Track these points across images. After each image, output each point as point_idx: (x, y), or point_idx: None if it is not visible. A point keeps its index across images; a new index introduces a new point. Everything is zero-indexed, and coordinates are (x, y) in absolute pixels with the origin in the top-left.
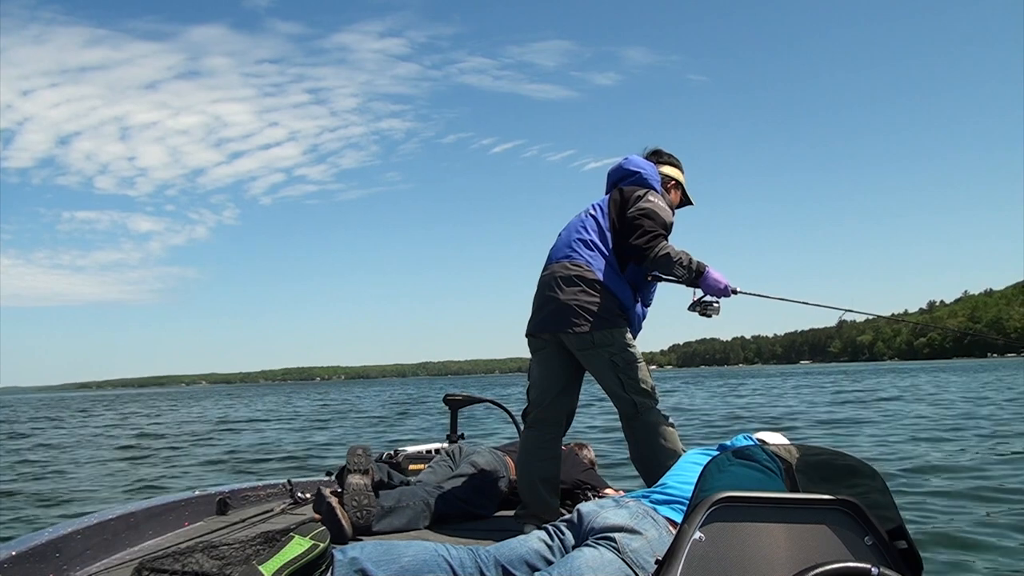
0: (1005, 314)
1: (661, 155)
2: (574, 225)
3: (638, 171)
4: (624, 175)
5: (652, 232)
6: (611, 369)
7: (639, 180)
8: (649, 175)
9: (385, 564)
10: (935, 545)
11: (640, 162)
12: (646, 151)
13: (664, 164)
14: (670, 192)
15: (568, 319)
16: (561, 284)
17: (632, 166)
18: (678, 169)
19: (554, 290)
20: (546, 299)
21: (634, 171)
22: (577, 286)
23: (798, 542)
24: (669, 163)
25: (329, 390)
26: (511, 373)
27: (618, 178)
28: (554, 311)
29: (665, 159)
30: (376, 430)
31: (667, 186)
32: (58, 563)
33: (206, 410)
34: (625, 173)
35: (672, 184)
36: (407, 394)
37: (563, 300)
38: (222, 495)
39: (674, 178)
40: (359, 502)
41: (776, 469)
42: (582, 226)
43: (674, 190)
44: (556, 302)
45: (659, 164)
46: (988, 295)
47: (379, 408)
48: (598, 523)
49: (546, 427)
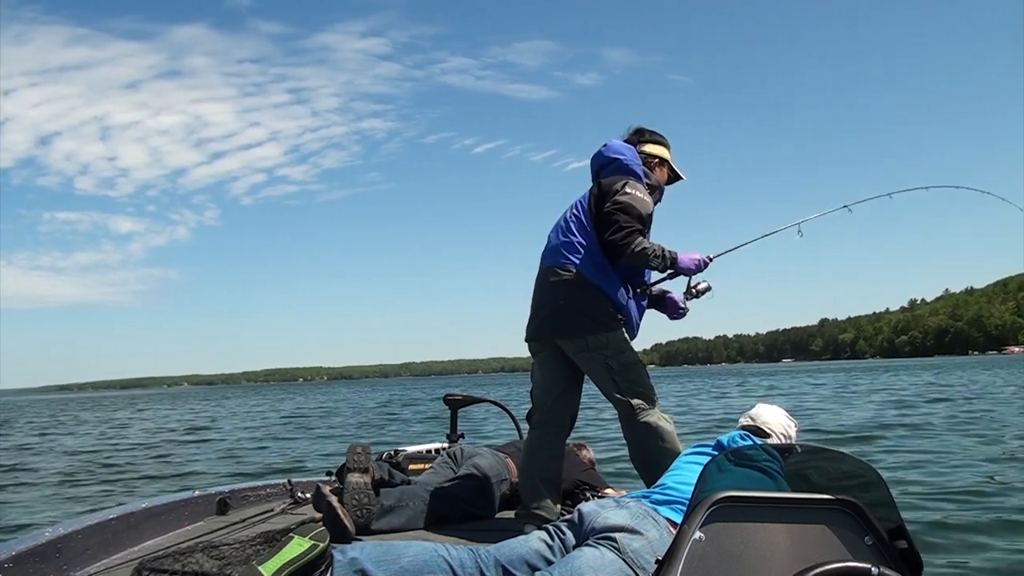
0: (986, 312)
1: (643, 133)
2: (560, 227)
3: (618, 157)
4: (605, 162)
5: (627, 228)
6: (607, 372)
7: (619, 167)
8: (629, 160)
9: (385, 564)
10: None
11: (619, 147)
12: (629, 131)
13: (647, 143)
14: (655, 171)
15: (561, 325)
16: (552, 290)
17: (612, 152)
18: (662, 146)
19: (546, 296)
20: (540, 305)
21: (614, 158)
22: (568, 291)
23: (798, 542)
24: (652, 140)
25: (311, 391)
26: (494, 373)
27: (600, 165)
28: (547, 317)
29: (647, 137)
30: (368, 433)
31: (651, 164)
32: (58, 563)
33: (165, 417)
34: (605, 160)
35: (656, 162)
36: (395, 395)
37: (555, 306)
38: (222, 495)
39: (658, 156)
40: (359, 500)
41: (777, 469)
42: (567, 227)
43: (659, 168)
44: (549, 308)
45: (641, 143)
46: (969, 293)
47: (365, 411)
48: (599, 523)
49: (549, 428)
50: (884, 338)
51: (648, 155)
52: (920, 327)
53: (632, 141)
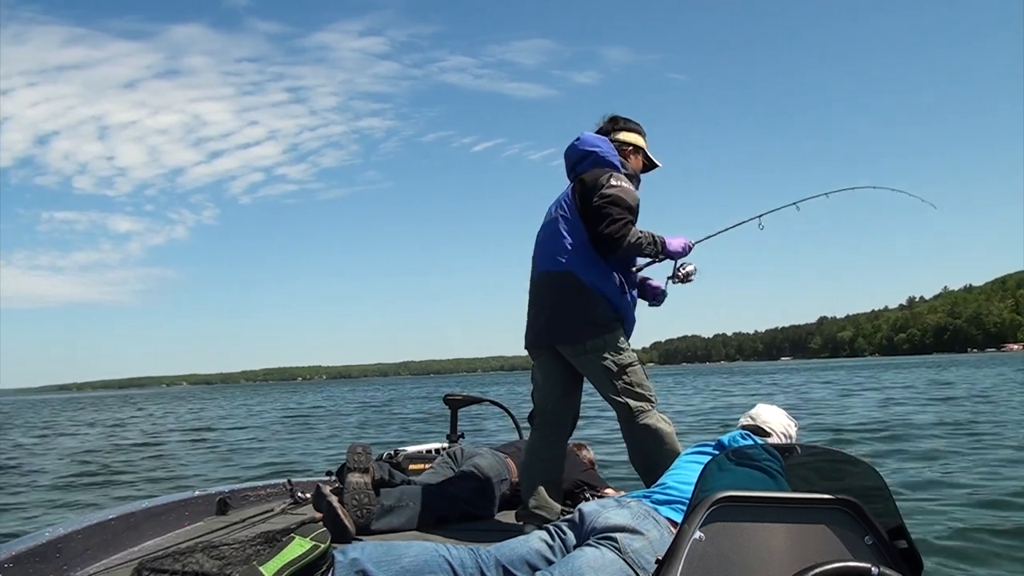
0: (985, 309)
1: (617, 121)
2: (548, 230)
3: (593, 150)
4: (581, 156)
5: (620, 220)
6: (605, 374)
7: (597, 160)
8: (605, 152)
9: (386, 564)
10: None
11: (593, 140)
12: (604, 119)
13: (621, 131)
14: (630, 159)
15: (558, 330)
16: (547, 296)
17: (587, 146)
18: (637, 133)
19: (542, 302)
20: (536, 312)
21: (589, 151)
22: (564, 295)
23: (798, 542)
24: (626, 128)
25: (310, 391)
26: (493, 372)
27: (576, 159)
28: (545, 324)
29: (621, 125)
30: (368, 432)
31: (626, 153)
32: (58, 563)
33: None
34: (582, 154)
35: (631, 150)
36: (395, 395)
37: (551, 312)
38: (222, 495)
39: (632, 143)
40: (359, 500)
41: (777, 468)
42: (556, 228)
43: (633, 155)
44: (545, 315)
45: (616, 131)
46: (968, 291)
47: (364, 411)
48: (599, 523)
49: (551, 429)
50: (883, 336)
51: (623, 143)
52: (919, 325)
53: (607, 129)
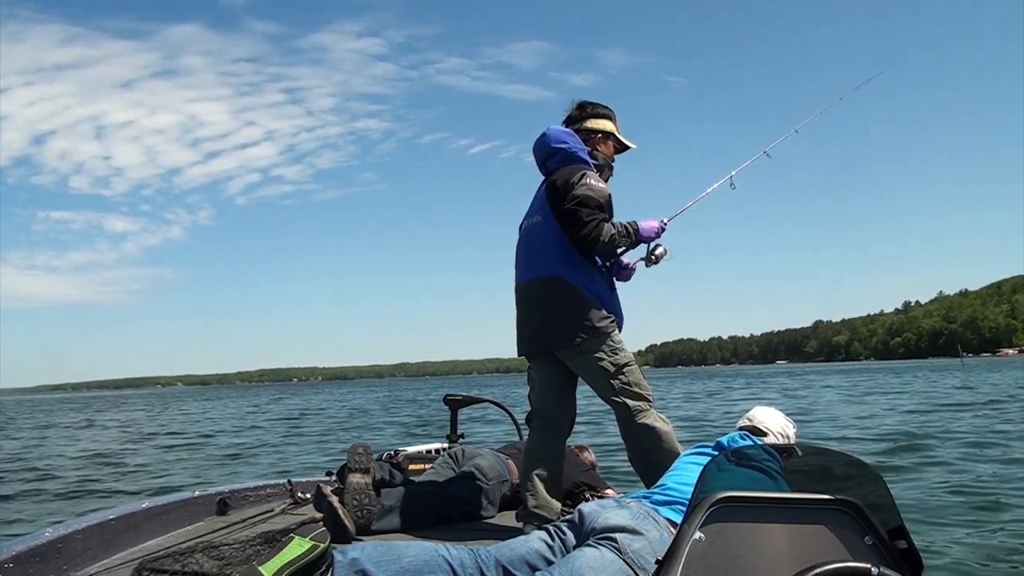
0: (980, 314)
1: (585, 108)
2: (529, 235)
3: (561, 147)
4: (549, 152)
5: (591, 220)
6: (602, 375)
7: (566, 156)
8: (573, 147)
9: (386, 564)
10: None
11: (560, 135)
12: (572, 105)
13: (589, 118)
14: (600, 146)
15: (553, 335)
16: (537, 302)
17: (554, 142)
18: (606, 119)
19: (532, 309)
20: (528, 318)
21: (557, 148)
22: (554, 300)
23: (798, 542)
24: (594, 115)
25: (306, 392)
26: (489, 374)
27: (545, 156)
28: (537, 331)
29: (589, 111)
30: (367, 433)
31: (596, 141)
32: (58, 563)
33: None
34: (550, 151)
35: (600, 137)
36: (391, 395)
37: (543, 318)
38: (222, 495)
39: (601, 130)
40: (359, 501)
41: (776, 468)
42: (536, 234)
43: (603, 143)
44: (537, 321)
45: (584, 119)
46: (963, 295)
47: (363, 412)
48: (599, 523)
49: (549, 430)
50: (878, 340)
51: (591, 131)
52: (914, 329)
53: (575, 117)
